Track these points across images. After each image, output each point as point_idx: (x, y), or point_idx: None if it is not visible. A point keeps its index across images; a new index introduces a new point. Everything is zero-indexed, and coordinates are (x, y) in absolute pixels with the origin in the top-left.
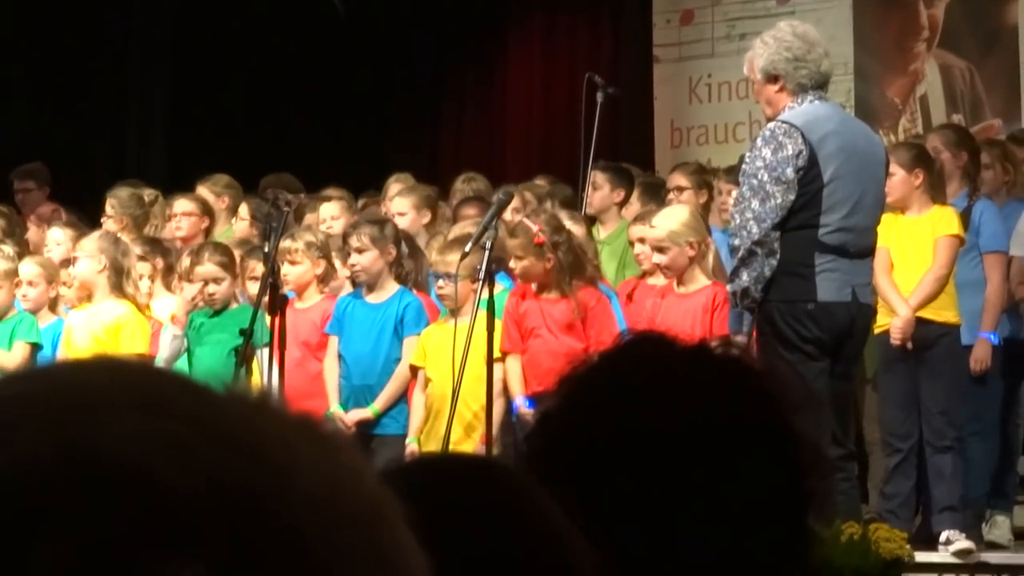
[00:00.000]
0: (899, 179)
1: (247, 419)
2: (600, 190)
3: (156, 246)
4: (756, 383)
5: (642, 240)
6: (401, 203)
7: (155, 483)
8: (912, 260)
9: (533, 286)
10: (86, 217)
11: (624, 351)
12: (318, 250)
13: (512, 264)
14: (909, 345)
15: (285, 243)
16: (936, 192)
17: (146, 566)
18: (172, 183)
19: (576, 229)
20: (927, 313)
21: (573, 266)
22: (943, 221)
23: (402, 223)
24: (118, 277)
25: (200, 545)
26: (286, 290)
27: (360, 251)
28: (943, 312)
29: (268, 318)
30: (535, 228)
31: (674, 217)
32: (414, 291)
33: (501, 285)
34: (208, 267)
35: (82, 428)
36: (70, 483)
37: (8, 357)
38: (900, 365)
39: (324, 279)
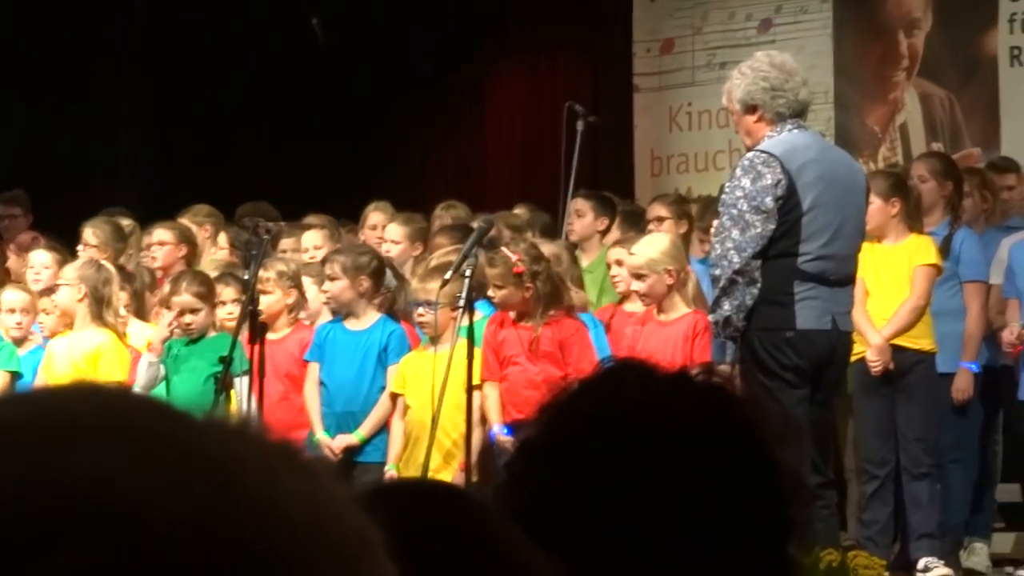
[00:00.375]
0: (876, 208)
1: (226, 446)
2: (583, 218)
3: (124, 275)
4: (737, 411)
5: (619, 263)
6: (396, 231)
7: (131, 512)
8: (888, 289)
9: (512, 314)
10: (65, 246)
11: (605, 378)
12: (289, 279)
13: (491, 293)
14: (891, 366)
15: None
16: (913, 221)
17: None
18: (153, 212)
19: (563, 257)
20: (902, 340)
21: (551, 295)
22: (920, 250)
23: (393, 251)
24: (98, 306)
25: (179, 574)
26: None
27: (332, 279)
28: (919, 340)
29: (247, 346)
30: (514, 258)
31: (654, 245)
32: (401, 320)
33: (481, 313)
34: (184, 296)
35: (56, 456)
36: (44, 513)
37: None
38: (877, 392)
39: (294, 308)
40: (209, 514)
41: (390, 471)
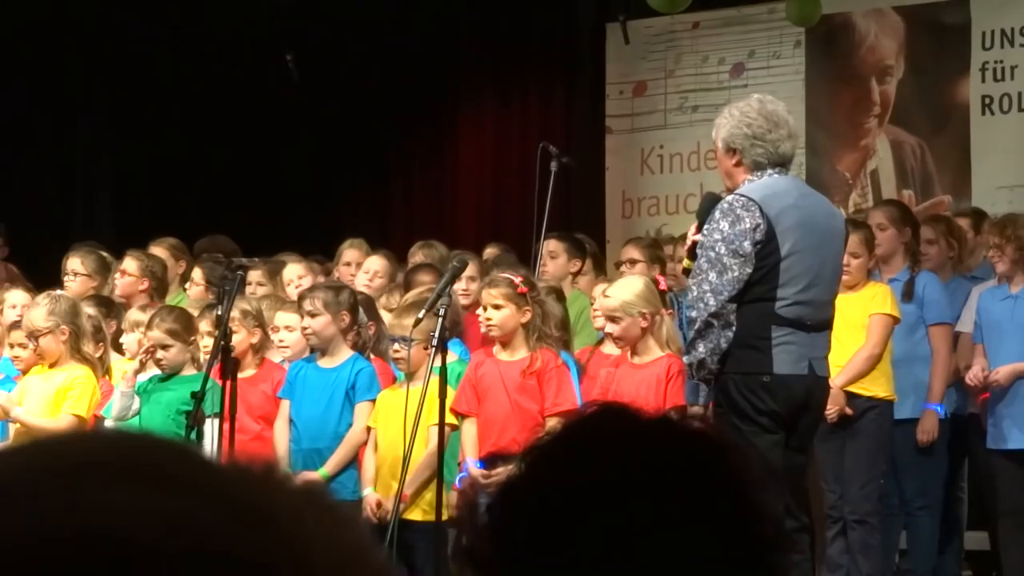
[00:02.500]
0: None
1: (255, 491)
2: (557, 259)
3: (111, 308)
4: (720, 457)
5: None
6: (377, 263)
7: (167, 561)
8: (843, 337)
9: (495, 347)
10: (36, 278)
11: (588, 422)
12: (253, 319)
13: (487, 314)
14: (848, 411)
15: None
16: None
17: None
18: (119, 247)
19: (550, 299)
20: (855, 387)
21: (540, 327)
22: (877, 299)
23: (375, 283)
24: (77, 341)
25: None
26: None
27: (313, 315)
28: (871, 387)
29: (219, 382)
30: (517, 279)
31: (628, 288)
32: (372, 357)
33: (454, 354)
34: (156, 332)
35: (83, 500)
36: (69, 557)
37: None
38: (832, 438)
39: (259, 348)
40: (245, 562)
41: (370, 493)
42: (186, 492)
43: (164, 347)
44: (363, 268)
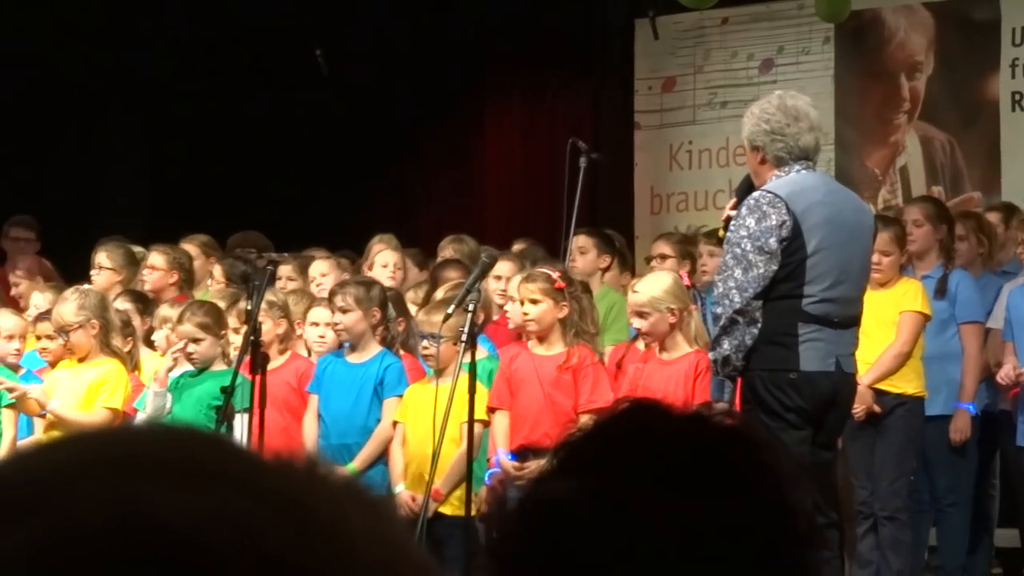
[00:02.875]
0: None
1: (298, 485)
2: (587, 255)
3: (146, 303)
4: (753, 453)
5: None
6: (391, 256)
7: (215, 556)
8: (874, 334)
9: (531, 340)
10: (67, 272)
11: (620, 419)
12: (279, 309)
13: (524, 309)
14: (876, 409)
15: (243, 304)
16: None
17: None
18: (151, 243)
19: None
20: (884, 384)
21: (578, 323)
22: (908, 296)
23: (398, 277)
24: (106, 335)
25: None
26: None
27: (344, 311)
28: (901, 383)
29: (248, 377)
30: (555, 274)
31: (656, 283)
32: (401, 353)
33: (484, 350)
34: (187, 326)
35: (128, 497)
36: (115, 555)
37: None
38: (862, 434)
39: (284, 339)
40: (290, 559)
41: (401, 489)
42: (235, 489)
43: (195, 341)
44: (380, 262)
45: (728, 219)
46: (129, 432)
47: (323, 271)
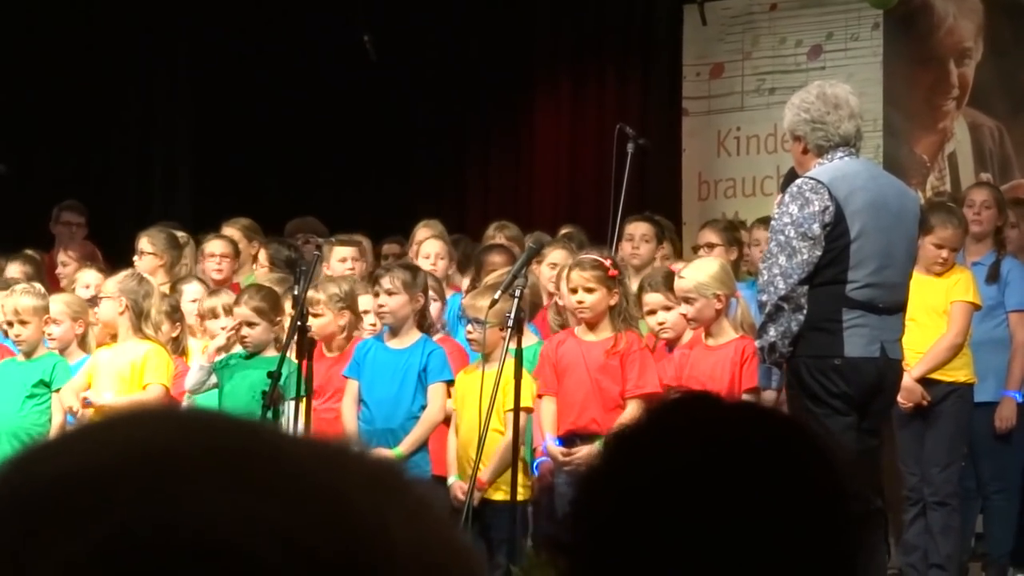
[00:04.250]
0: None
1: (333, 470)
2: (650, 243)
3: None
4: (805, 439)
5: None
6: (435, 245)
7: (256, 563)
8: (924, 321)
9: (579, 328)
10: (114, 257)
11: (672, 410)
12: (341, 301)
13: (578, 297)
14: (926, 401)
15: (308, 293)
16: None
17: None
18: (197, 228)
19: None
20: (935, 373)
21: (625, 309)
22: (960, 285)
23: (440, 266)
24: (138, 319)
25: None
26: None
27: (390, 293)
28: (952, 372)
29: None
30: (608, 262)
31: (703, 269)
32: (438, 337)
33: (533, 335)
34: (243, 309)
35: (160, 496)
36: (153, 557)
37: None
38: (912, 422)
39: (347, 328)
40: (331, 562)
41: (455, 480)
42: (274, 491)
43: (250, 325)
44: (423, 252)
45: None
46: (158, 423)
47: (344, 256)
